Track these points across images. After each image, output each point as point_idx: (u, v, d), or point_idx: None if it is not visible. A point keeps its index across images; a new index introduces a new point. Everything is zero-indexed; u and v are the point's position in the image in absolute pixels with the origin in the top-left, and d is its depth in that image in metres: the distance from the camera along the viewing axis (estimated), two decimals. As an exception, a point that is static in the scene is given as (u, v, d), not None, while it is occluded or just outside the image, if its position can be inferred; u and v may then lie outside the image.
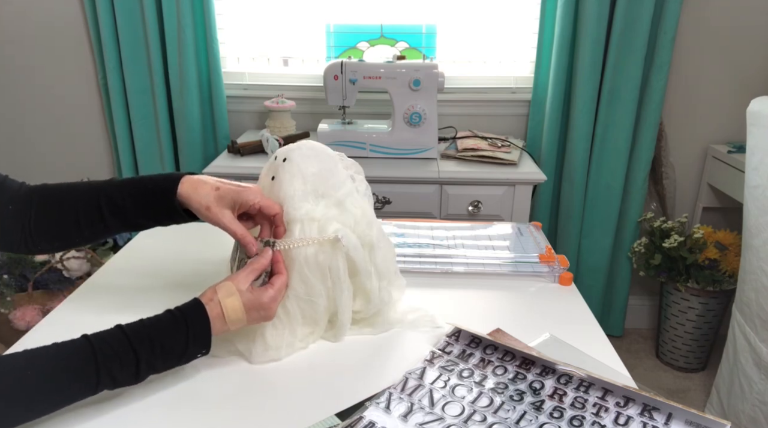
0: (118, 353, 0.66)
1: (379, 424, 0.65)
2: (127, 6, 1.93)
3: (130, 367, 0.66)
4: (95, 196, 0.80)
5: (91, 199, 0.81)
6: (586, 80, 1.90)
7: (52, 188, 0.83)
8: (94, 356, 0.65)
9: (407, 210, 1.75)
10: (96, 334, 0.67)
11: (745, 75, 2.00)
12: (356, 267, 0.82)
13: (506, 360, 0.76)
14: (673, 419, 0.64)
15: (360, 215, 0.84)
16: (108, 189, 0.80)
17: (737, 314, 1.60)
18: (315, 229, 0.80)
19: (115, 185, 0.81)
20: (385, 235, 0.88)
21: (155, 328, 0.69)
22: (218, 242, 0.97)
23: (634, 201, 2.06)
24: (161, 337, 0.69)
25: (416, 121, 1.79)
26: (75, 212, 0.81)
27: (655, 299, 2.28)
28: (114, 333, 0.67)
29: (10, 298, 1.82)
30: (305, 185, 0.82)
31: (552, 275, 1.02)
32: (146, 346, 0.67)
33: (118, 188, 0.80)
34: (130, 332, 0.68)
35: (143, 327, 0.69)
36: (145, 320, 0.70)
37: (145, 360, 0.67)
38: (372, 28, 2.07)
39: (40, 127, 2.18)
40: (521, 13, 2.03)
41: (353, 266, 0.82)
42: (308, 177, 0.82)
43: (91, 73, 2.12)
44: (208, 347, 0.72)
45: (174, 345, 0.69)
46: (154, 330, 0.69)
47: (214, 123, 2.08)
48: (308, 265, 0.79)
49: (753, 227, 1.48)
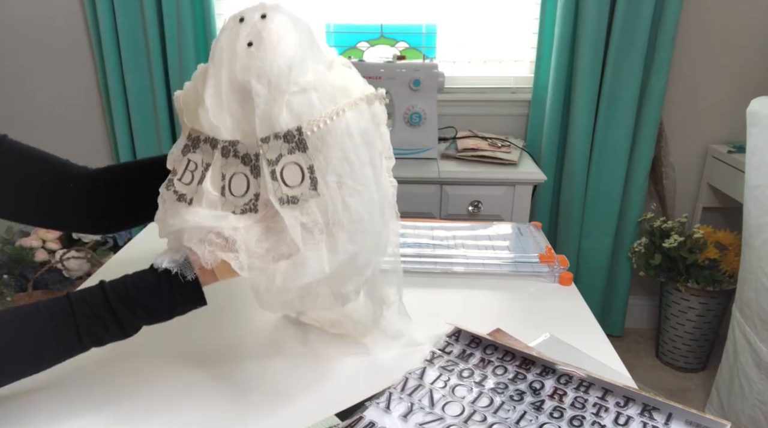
0: (99, 314, 0.63)
1: (379, 424, 0.65)
2: (127, 6, 1.93)
3: (112, 328, 0.63)
4: (160, 165, 0.75)
5: (153, 168, 0.78)
6: (586, 80, 1.90)
7: (116, 166, 0.84)
8: (73, 317, 0.62)
9: (407, 210, 1.75)
10: (78, 293, 0.64)
11: (745, 75, 2.00)
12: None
13: (506, 360, 0.76)
14: (673, 419, 0.64)
15: (357, 76, 0.71)
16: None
17: (737, 314, 1.60)
18: (337, 92, 0.64)
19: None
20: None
21: (137, 288, 0.64)
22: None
23: (634, 201, 2.06)
24: (143, 297, 0.64)
25: (416, 121, 1.79)
26: (140, 183, 0.80)
27: (655, 299, 2.28)
28: (95, 293, 0.64)
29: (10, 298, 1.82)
30: (301, 45, 0.64)
31: (552, 275, 1.02)
32: (126, 308, 0.63)
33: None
34: (110, 291, 0.63)
35: (124, 286, 0.64)
36: (129, 278, 0.65)
37: (128, 320, 0.64)
38: (372, 28, 2.07)
39: (40, 127, 2.18)
40: (521, 14, 2.03)
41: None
42: (302, 35, 0.64)
43: (91, 73, 2.12)
44: (201, 301, 0.66)
45: (158, 306, 0.64)
46: (135, 289, 0.64)
47: (214, 123, 2.08)
48: (351, 137, 0.63)
49: (753, 227, 1.48)
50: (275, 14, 0.63)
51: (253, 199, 0.63)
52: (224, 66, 0.63)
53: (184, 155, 0.66)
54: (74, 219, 0.81)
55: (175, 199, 0.65)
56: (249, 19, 0.63)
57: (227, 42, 0.63)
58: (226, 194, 0.64)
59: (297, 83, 0.62)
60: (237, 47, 0.62)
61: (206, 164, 0.64)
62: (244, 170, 0.63)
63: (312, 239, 0.63)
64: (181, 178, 0.66)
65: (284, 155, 0.62)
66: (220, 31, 0.65)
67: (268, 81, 0.61)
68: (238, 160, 0.63)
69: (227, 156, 0.64)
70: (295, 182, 0.62)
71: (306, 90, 0.62)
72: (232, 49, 0.63)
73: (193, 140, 0.66)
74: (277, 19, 0.63)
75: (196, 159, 0.65)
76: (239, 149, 0.63)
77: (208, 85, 0.64)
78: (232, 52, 0.63)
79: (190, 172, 0.65)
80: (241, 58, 0.62)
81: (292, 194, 0.62)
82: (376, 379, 0.74)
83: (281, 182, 0.62)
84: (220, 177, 0.64)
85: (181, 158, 0.67)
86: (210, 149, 0.64)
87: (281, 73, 0.61)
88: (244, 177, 0.63)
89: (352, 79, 0.69)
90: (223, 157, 0.64)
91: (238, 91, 0.63)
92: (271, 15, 0.63)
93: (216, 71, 0.64)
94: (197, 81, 0.68)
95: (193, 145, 0.66)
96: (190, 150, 0.66)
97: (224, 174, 0.64)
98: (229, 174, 0.64)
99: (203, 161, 0.65)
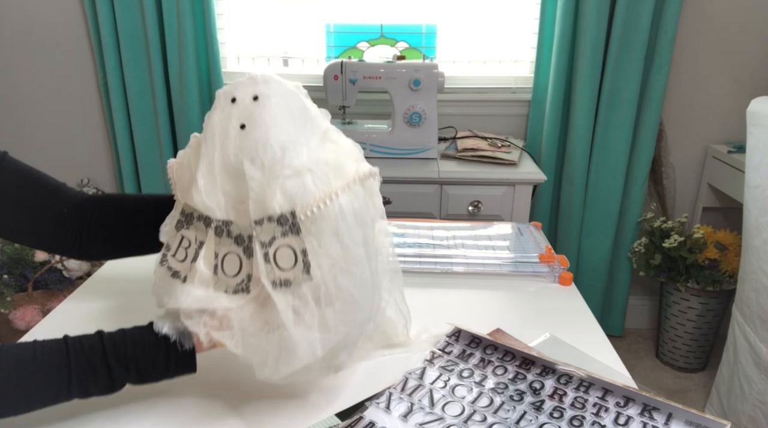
0: (94, 368, 0.62)
1: (379, 424, 0.65)
2: (127, 6, 1.93)
3: (102, 382, 0.63)
4: (157, 206, 0.77)
5: (150, 208, 0.79)
6: (586, 80, 1.90)
7: (111, 196, 0.84)
8: (68, 366, 0.61)
9: (407, 210, 1.75)
10: (76, 341, 0.63)
11: (745, 75, 2.00)
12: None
13: (506, 360, 0.76)
14: (673, 419, 0.64)
15: (351, 146, 0.70)
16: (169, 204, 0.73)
17: (737, 314, 1.60)
18: (330, 173, 0.63)
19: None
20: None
21: (135, 346, 0.63)
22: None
23: (634, 201, 2.06)
24: (139, 357, 0.63)
25: (416, 121, 1.79)
26: (134, 218, 0.80)
27: (655, 299, 2.28)
28: (93, 345, 0.63)
29: (10, 298, 1.82)
30: (294, 123, 0.64)
31: (552, 275, 1.02)
32: (122, 366, 0.63)
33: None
34: (109, 345, 0.63)
35: (123, 342, 0.64)
36: (128, 333, 0.65)
37: (120, 378, 0.64)
38: (372, 28, 2.07)
39: (40, 127, 2.18)
40: (521, 14, 2.03)
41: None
42: (294, 112, 0.65)
43: (91, 73, 2.12)
44: (192, 368, 0.66)
45: (152, 370, 0.64)
46: (133, 347, 0.63)
47: (214, 123, 2.08)
48: (345, 219, 0.62)
49: (753, 227, 1.48)
50: (268, 98, 0.63)
51: (245, 279, 0.63)
52: (217, 147, 0.63)
53: (177, 230, 0.67)
54: (61, 243, 0.80)
55: (169, 275, 0.66)
56: (241, 100, 0.64)
57: (220, 123, 0.64)
58: (218, 273, 0.64)
59: (291, 166, 0.62)
60: (229, 129, 0.63)
61: (200, 242, 0.65)
62: (237, 250, 0.64)
63: (303, 323, 0.62)
64: (175, 254, 0.66)
65: (277, 238, 0.61)
66: (212, 108, 0.66)
67: (262, 164, 0.61)
68: (231, 240, 0.64)
69: (220, 235, 0.64)
70: (288, 265, 0.62)
71: (300, 172, 0.62)
72: (225, 131, 0.63)
73: (186, 216, 0.66)
74: (270, 103, 0.63)
75: (189, 236, 0.66)
76: (232, 230, 0.64)
77: (201, 164, 0.64)
78: (224, 133, 0.63)
79: (183, 249, 0.66)
80: (233, 140, 0.63)
81: (285, 277, 0.62)
82: (376, 379, 0.74)
83: (274, 265, 0.62)
84: (213, 256, 0.65)
85: (174, 233, 0.67)
86: (204, 226, 0.65)
87: (275, 156, 0.61)
88: (237, 257, 0.64)
89: (346, 151, 0.68)
90: (217, 236, 0.64)
91: (231, 172, 0.63)
92: (263, 97, 0.63)
93: (209, 151, 0.64)
94: (191, 156, 0.68)
95: (186, 221, 0.66)
96: (184, 226, 0.66)
97: (217, 253, 0.64)
98: (222, 253, 0.64)
99: (197, 238, 0.65)
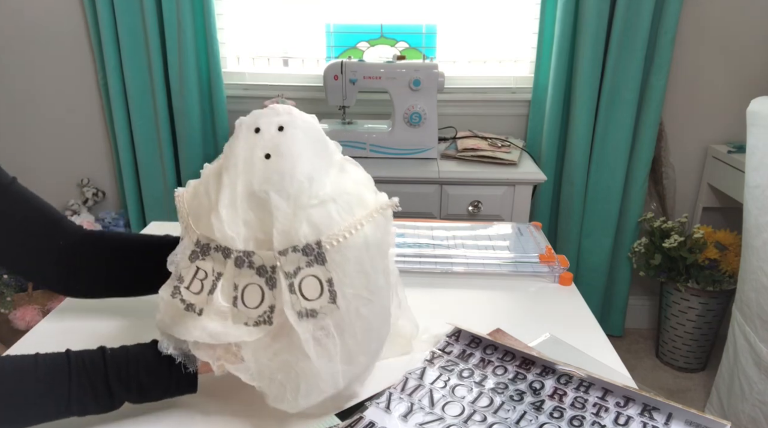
0: (95, 386, 0.61)
1: (379, 424, 0.65)
2: (127, 6, 1.93)
3: (102, 401, 0.62)
4: (152, 251, 0.77)
5: (146, 252, 0.79)
6: (586, 80, 1.90)
7: (108, 235, 0.82)
8: (68, 383, 0.60)
9: (407, 210, 1.75)
10: (78, 358, 0.62)
11: (745, 75, 2.00)
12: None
13: (506, 360, 0.76)
14: (673, 419, 0.64)
15: (364, 177, 0.71)
16: (167, 249, 0.70)
17: (737, 314, 1.60)
18: (353, 203, 0.64)
19: (172, 244, 0.72)
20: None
21: (138, 364, 0.63)
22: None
23: (634, 201, 2.06)
24: (142, 376, 0.63)
25: (416, 121, 1.79)
26: (128, 261, 0.80)
27: (655, 299, 2.28)
28: (95, 362, 0.62)
29: (10, 298, 1.83)
30: (317, 154, 0.65)
31: (552, 275, 1.02)
32: (123, 385, 0.62)
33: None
34: (111, 363, 0.62)
35: (126, 361, 0.63)
36: (131, 352, 0.64)
37: (120, 397, 0.63)
38: (372, 28, 2.07)
39: (40, 127, 2.18)
40: (521, 14, 2.03)
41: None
42: (316, 143, 0.66)
43: (91, 73, 2.12)
44: (194, 389, 0.66)
45: (153, 389, 0.64)
46: (136, 366, 0.63)
47: (214, 123, 2.08)
48: (368, 249, 0.63)
49: (753, 227, 1.48)
50: (293, 128, 0.64)
51: (268, 311, 0.63)
52: (240, 176, 0.63)
53: (192, 261, 0.65)
54: (51, 275, 0.79)
55: (183, 308, 0.64)
56: (266, 130, 0.64)
57: (243, 153, 0.64)
58: (238, 305, 0.63)
59: (317, 196, 0.62)
60: (254, 159, 0.63)
61: (217, 274, 0.63)
62: (259, 281, 0.63)
63: (326, 354, 0.62)
64: (189, 286, 0.64)
65: (302, 268, 0.61)
66: (234, 137, 0.66)
67: (288, 195, 0.62)
68: (253, 271, 0.62)
69: (241, 267, 0.63)
70: (313, 295, 0.61)
71: (325, 202, 0.62)
72: (249, 161, 0.63)
73: (202, 246, 0.64)
74: (296, 135, 0.64)
75: (206, 267, 0.64)
76: (254, 261, 0.62)
77: (223, 195, 0.63)
78: (248, 163, 0.63)
79: (199, 280, 0.64)
80: (258, 170, 0.62)
81: (311, 307, 0.61)
82: (376, 379, 0.74)
83: (300, 295, 0.61)
84: (232, 288, 0.63)
85: (188, 264, 0.65)
86: (222, 258, 0.63)
87: (301, 187, 0.62)
88: (259, 288, 0.63)
89: (363, 182, 0.69)
90: (237, 267, 0.63)
91: (254, 202, 0.63)
92: (288, 128, 0.64)
93: (231, 181, 0.63)
94: (208, 186, 0.67)
95: (202, 252, 0.64)
96: (199, 257, 0.64)
97: (237, 285, 0.63)
98: (242, 285, 0.63)
99: (214, 269, 0.63)
